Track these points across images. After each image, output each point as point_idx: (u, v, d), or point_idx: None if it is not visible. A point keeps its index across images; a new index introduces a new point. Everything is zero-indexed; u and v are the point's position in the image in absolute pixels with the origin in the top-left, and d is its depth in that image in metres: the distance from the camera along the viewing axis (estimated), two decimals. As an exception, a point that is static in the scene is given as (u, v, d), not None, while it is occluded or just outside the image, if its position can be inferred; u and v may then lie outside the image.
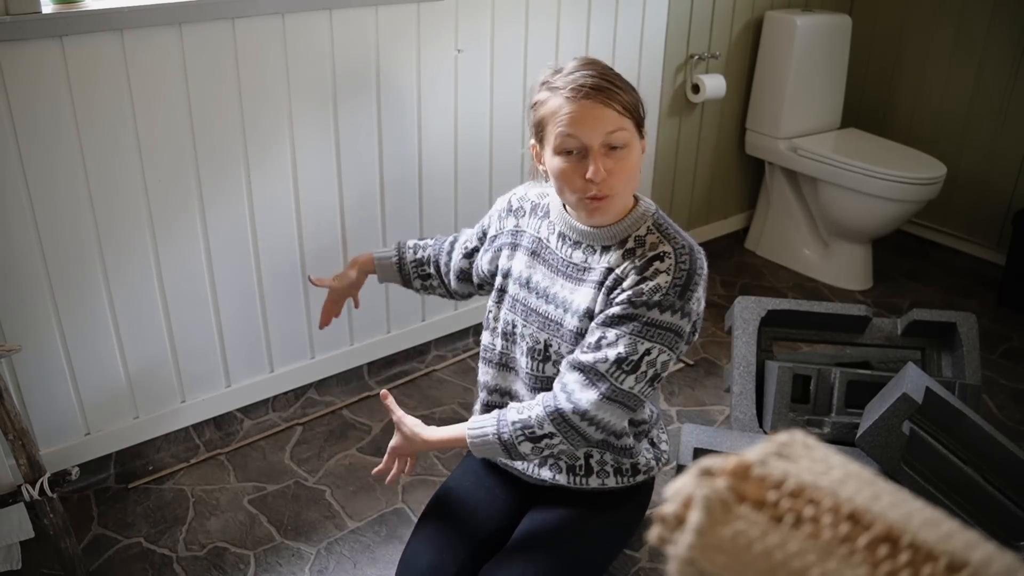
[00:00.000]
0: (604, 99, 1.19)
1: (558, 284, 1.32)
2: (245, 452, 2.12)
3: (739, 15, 2.92)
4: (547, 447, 1.25)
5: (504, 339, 1.40)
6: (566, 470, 1.38)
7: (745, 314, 1.92)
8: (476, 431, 1.29)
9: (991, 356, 2.58)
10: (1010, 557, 0.32)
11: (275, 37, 1.87)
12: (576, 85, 1.19)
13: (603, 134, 1.18)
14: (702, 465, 0.36)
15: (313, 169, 2.05)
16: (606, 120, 1.18)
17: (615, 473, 1.38)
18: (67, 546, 1.63)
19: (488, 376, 1.44)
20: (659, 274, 1.22)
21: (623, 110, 1.20)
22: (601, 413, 1.23)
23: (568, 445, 1.26)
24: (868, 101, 3.31)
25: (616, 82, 1.22)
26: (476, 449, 1.29)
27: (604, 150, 1.19)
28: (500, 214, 1.45)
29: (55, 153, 1.68)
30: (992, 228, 3.08)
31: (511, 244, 1.41)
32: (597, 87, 1.19)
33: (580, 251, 1.30)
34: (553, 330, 1.32)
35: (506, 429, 1.26)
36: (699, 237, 3.16)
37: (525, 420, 1.26)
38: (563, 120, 1.19)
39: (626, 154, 1.21)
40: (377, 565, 1.78)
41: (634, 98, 1.23)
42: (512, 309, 1.38)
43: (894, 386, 1.60)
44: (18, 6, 1.54)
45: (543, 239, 1.35)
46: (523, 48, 2.32)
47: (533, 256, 1.36)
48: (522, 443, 1.25)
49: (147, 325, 1.92)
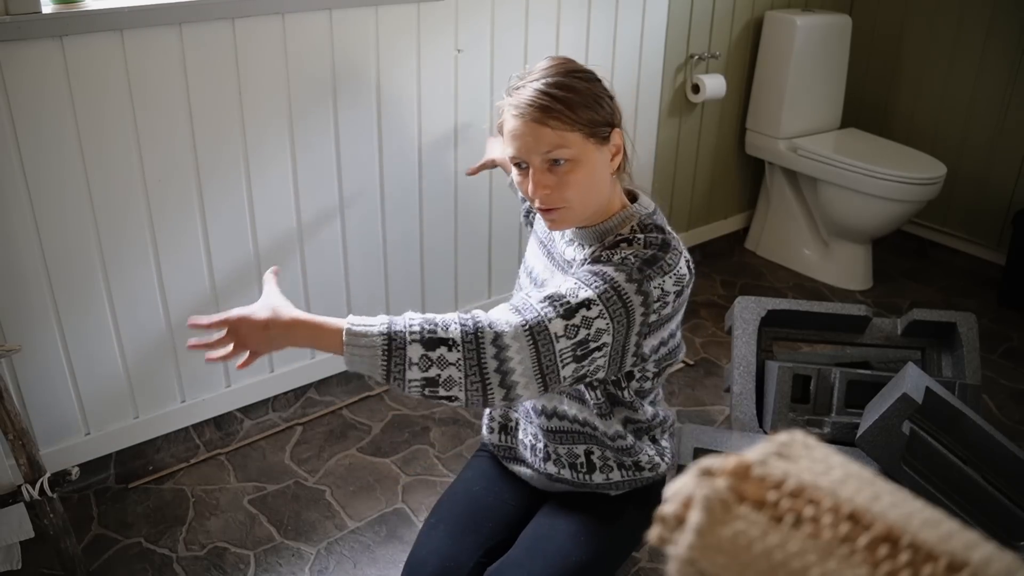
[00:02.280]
0: (543, 118, 1.15)
1: (557, 277, 1.32)
2: (245, 452, 2.12)
3: (739, 15, 2.92)
4: (439, 362, 1.04)
5: None
6: (568, 467, 1.37)
7: (745, 314, 1.92)
8: (359, 322, 1.05)
9: (991, 356, 2.58)
10: (1010, 557, 0.32)
11: (275, 37, 1.87)
12: (520, 103, 1.17)
13: (540, 153, 1.17)
14: (702, 465, 0.36)
15: (313, 169, 2.05)
16: (543, 139, 1.16)
17: (619, 467, 1.37)
18: (67, 546, 1.63)
19: None
20: (623, 250, 1.19)
21: (568, 126, 1.16)
22: (515, 346, 1.06)
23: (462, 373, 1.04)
24: (868, 101, 3.31)
25: (563, 100, 1.16)
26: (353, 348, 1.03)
27: (546, 166, 1.18)
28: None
29: (55, 153, 1.68)
30: (992, 228, 3.08)
31: (532, 229, 1.46)
32: (540, 106, 1.16)
33: (572, 248, 1.31)
34: None
35: (401, 322, 1.05)
36: (699, 237, 3.16)
37: (429, 317, 1.06)
38: (508, 136, 1.20)
39: (571, 168, 1.17)
40: (377, 565, 1.78)
41: (589, 110, 1.18)
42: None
43: (894, 386, 1.60)
44: (18, 6, 1.54)
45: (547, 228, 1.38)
46: (523, 48, 2.32)
47: (541, 246, 1.40)
48: (413, 343, 1.03)
49: (147, 325, 1.92)
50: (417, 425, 2.23)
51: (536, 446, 1.40)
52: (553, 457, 1.38)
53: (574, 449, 1.36)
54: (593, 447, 1.36)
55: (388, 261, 2.27)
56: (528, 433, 1.41)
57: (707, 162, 3.08)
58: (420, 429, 2.21)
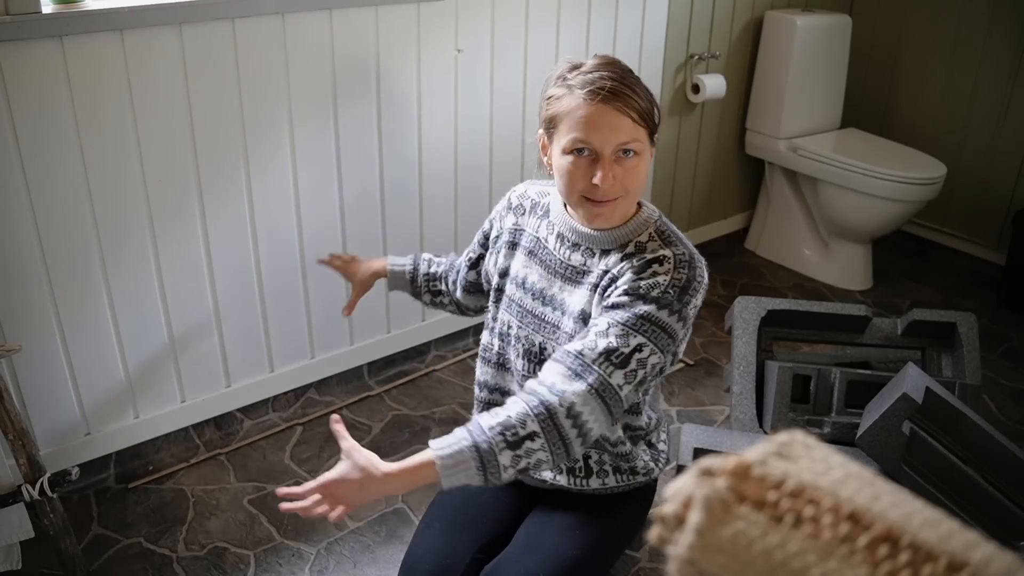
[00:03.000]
0: (621, 105, 1.15)
1: (556, 286, 1.31)
2: (245, 452, 2.12)
3: (739, 15, 2.92)
4: (527, 454, 1.11)
5: (500, 339, 1.39)
6: (566, 471, 1.37)
7: (745, 314, 1.92)
8: (446, 451, 1.08)
9: (991, 356, 2.58)
10: (1010, 557, 0.32)
11: (275, 37, 1.87)
12: (595, 87, 1.15)
13: (616, 142, 1.16)
14: (702, 465, 0.36)
15: (313, 168, 2.05)
16: (620, 129, 1.16)
17: (614, 472, 1.37)
18: (67, 546, 1.63)
19: (487, 375, 1.44)
20: (657, 275, 1.20)
21: (639, 119, 1.17)
22: (587, 410, 1.12)
23: (548, 452, 1.12)
24: (868, 101, 3.31)
25: (636, 88, 1.18)
26: (448, 473, 1.08)
27: (615, 156, 1.17)
28: (500, 213, 1.43)
29: (55, 153, 1.68)
30: (992, 228, 3.08)
31: (510, 242, 1.39)
32: (615, 91, 1.15)
33: (579, 253, 1.29)
34: (548, 332, 1.31)
35: (482, 437, 1.09)
36: (699, 237, 3.16)
37: (504, 421, 1.11)
38: (577, 122, 1.16)
39: (636, 162, 1.18)
40: (377, 565, 1.78)
41: (651, 105, 1.21)
42: (508, 309, 1.37)
43: (894, 386, 1.60)
44: (18, 6, 1.54)
45: (541, 239, 1.34)
46: (523, 48, 2.32)
47: (530, 256, 1.35)
48: (503, 451, 1.09)
49: (147, 325, 1.92)
50: (417, 425, 2.23)
51: None
52: None
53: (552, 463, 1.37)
54: (591, 451, 1.36)
55: (388, 261, 2.27)
56: None
57: (707, 162, 3.08)
58: (420, 429, 2.21)
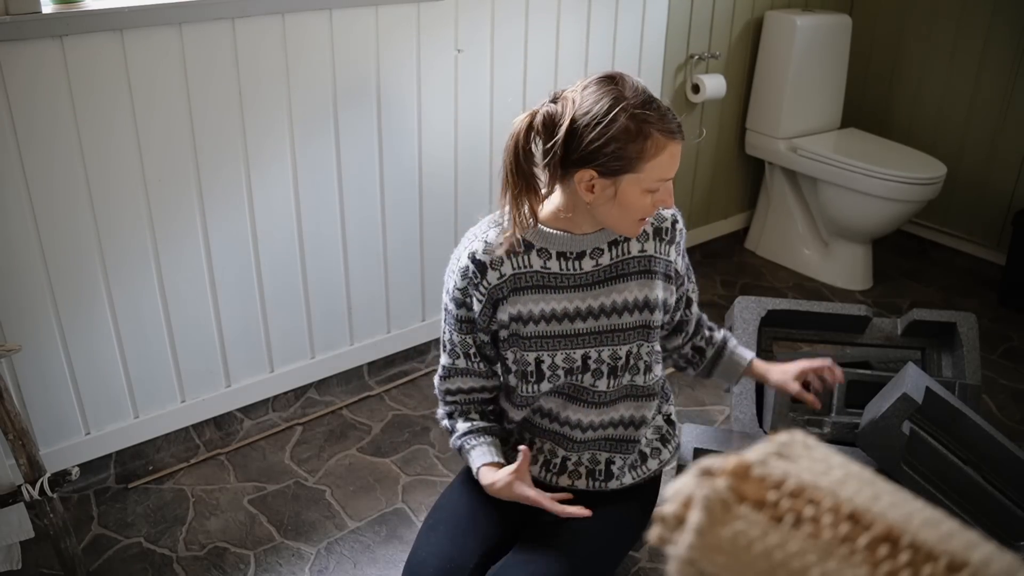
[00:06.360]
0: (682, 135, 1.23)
1: (591, 297, 1.29)
2: (245, 452, 2.12)
3: (739, 15, 2.92)
4: None
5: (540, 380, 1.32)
6: (585, 475, 1.39)
7: (745, 314, 1.92)
8: None
9: (991, 356, 2.58)
10: (1010, 557, 0.32)
11: (275, 37, 1.87)
12: (672, 127, 1.20)
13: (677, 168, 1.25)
14: (702, 465, 0.36)
15: (313, 168, 2.05)
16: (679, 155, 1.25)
17: (630, 470, 1.41)
18: (67, 546, 1.63)
19: (519, 415, 1.39)
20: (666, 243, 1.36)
21: None
22: None
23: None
24: (868, 101, 3.31)
25: None
26: None
27: None
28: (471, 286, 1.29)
29: (55, 153, 1.68)
30: (992, 228, 3.08)
31: (506, 294, 1.29)
32: (680, 127, 1.22)
33: (587, 258, 1.29)
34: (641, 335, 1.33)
35: None
36: (699, 237, 3.16)
37: None
38: (665, 164, 1.21)
39: None
40: (377, 565, 1.78)
41: None
42: (537, 346, 1.30)
43: (894, 386, 1.60)
44: (18, 6, 1.54)
45: (540, 270, 1.29)
46: (523, 48, 2.32)
47: (542, 291, 1.29)
48: None
49: (147, 325, 1.92)
50: (417, 425, 2.23)
51: (552, 461, 1.40)
52: (570, 468, 1.39)
53: (597, 455, 1.38)
54: (615, 456, 1.39)
55: (388, 260, 2.27)
56: (543, 450, 1.41)
57: (707, 162, 3.08)
58: (420, 429, 2.21)
